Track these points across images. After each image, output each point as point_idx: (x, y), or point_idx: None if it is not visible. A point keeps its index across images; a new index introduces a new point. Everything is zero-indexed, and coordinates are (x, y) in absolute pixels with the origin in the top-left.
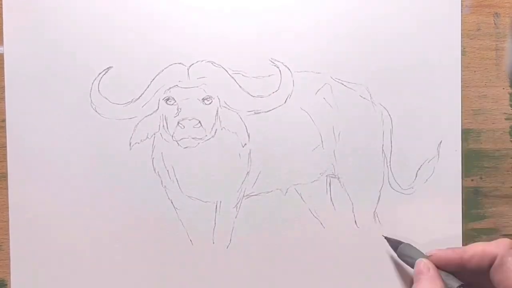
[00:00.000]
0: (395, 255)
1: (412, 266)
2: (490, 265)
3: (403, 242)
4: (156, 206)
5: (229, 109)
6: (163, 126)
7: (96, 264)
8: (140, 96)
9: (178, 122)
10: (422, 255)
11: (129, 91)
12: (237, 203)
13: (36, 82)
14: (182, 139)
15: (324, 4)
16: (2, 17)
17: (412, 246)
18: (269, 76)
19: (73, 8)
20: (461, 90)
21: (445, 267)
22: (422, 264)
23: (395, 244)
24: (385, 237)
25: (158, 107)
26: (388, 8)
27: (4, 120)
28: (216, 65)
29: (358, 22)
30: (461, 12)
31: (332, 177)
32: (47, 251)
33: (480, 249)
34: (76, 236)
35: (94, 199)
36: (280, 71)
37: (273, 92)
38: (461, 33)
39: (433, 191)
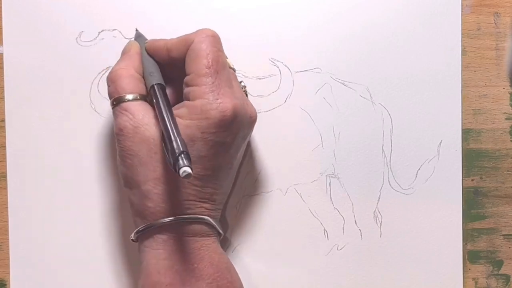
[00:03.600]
0: (395, 255)
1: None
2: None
3: (143, 36)
4: None
5: None
6: None
7: (97, 265)
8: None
9: None
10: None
11: None
12: (237, 203)
13: (36, 82)
14: None
15: (324, 4)
16: (2, 17)
17: (143, 36)
18: (269, 76)
19: (73, 8)
20: (461, 90)
21: (157, 52)
22: (128, 44)
23: (138, 35)
24: (136, 29)
25: None
26: (388, 8)
27: (3, 120)
28: None
29: (358, 21)
30: (461, 12)
31: (332, 177)
32: (47, 251)
33: (182, 37)
34: (76, 236)
35: (94, 199)
36: (280, 71)
37: (273, 92)
38: (461, 33)
39: (433, 191)
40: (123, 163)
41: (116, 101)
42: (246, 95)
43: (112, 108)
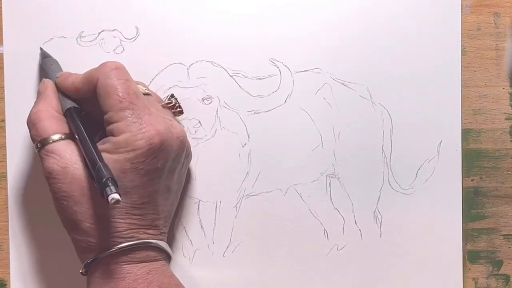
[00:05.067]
0: (395, 255)
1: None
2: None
3: (51, 57)
4: None
5: (229, 109)
6: None
7: None
8: None
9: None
10: (55, 76)
11: None
12: (237, 203)
13: (36, 82)
14: None
15: (324, 4)
16: (2, 17)
17: (57, 63)
18: (269, 76)
19: (73, 8)
20: (461, 90)
21: (67, 91)
22: (43, 83)
23: (44, 54)
24: (40, 48)
25: None
26: (388, 8)
27: (4, 120)
28: (216, 65)
29: (358, 22)
30: (461, 12)
31: (332, 177)
32: (47, 251)
33: (86, 75)
34: None
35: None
36: (280, 71)
37: (273, 92)
38: (461, 33)
39: (433, 191)
40: (59, 205)
41: (41, 144)
42: (180, 107)
43: (38, 152)
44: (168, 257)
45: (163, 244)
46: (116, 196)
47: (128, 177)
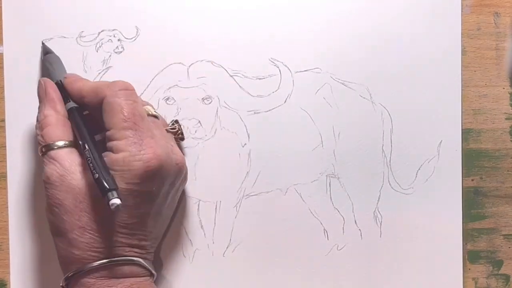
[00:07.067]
0: (395, 255)
1: (48, 76)
2: (101, 103)
3: (53, 53)
4: None
5: (229, 109)
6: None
7: None
8: (139, 96)
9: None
10: (61, 75)
11: None
12: (237, 203)
13: (36, 82)
14: None
15: (324, 4)
16: (2, 17)
17: (59, 61)
18: (269, 76)
19: (73, 8)
20: (461, 90)
21: (71, 96)
22: (41, 86)
23: (46, 50)
24: (42, 42)
25: (158, 107)
26: (388, 8)
27: (3, 120)
28: (216, 65)
29: (358, 22)
30: (461, 12)
31: (332, 177)
32: (47, 251)
33: (94, 87)
34: None
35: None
36: (280, 71)
37: (273, 92)
38: (461, 33)
39: (433, 191)
40: (50, 211)
41: (45, 149)
42: (182, 134)
43: (41, 156)
44: (151, 275)
45: (147, 263)
46: (117, 201)
47: (120, 196)
